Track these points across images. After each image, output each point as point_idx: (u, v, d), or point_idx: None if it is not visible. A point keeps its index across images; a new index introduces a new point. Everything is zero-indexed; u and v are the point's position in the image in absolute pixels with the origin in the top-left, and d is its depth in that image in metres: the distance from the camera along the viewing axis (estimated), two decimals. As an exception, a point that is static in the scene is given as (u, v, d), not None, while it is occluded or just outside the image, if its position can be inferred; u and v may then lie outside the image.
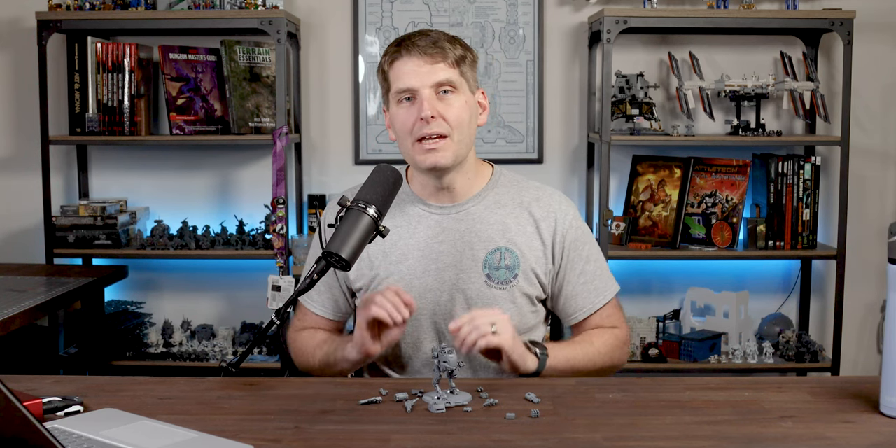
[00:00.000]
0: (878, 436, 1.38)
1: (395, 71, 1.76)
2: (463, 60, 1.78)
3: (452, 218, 1.82)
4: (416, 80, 1.74)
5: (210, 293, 3.53)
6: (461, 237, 1.81)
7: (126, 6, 3.22)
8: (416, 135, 1.74)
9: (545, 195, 1.87)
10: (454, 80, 1.76)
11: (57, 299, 2.63)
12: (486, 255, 1.80)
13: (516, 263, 1.80)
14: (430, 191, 1.83)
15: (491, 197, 1.85)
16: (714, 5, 3.23)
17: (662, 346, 3.30)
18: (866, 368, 3.54)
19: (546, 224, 1.83)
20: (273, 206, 3.12)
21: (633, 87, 3.27)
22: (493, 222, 1.82)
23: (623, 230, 3.32)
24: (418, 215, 1.83)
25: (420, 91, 1.74)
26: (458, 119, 1.75)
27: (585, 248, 1.87)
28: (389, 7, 3.42)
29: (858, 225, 3.44)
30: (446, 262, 1.80)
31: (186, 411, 1.49)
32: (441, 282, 1.80)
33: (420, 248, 1.81)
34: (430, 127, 1.73)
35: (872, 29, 3.40)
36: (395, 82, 1.76)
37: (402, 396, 1.54)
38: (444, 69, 1.75)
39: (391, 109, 1.79)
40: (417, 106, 1.74)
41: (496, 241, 1.81)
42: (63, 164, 3.48)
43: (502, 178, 1.88)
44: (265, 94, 3.35)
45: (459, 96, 1.77)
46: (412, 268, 1.80)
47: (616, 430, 1.40)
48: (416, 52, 1.74)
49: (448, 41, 1.78)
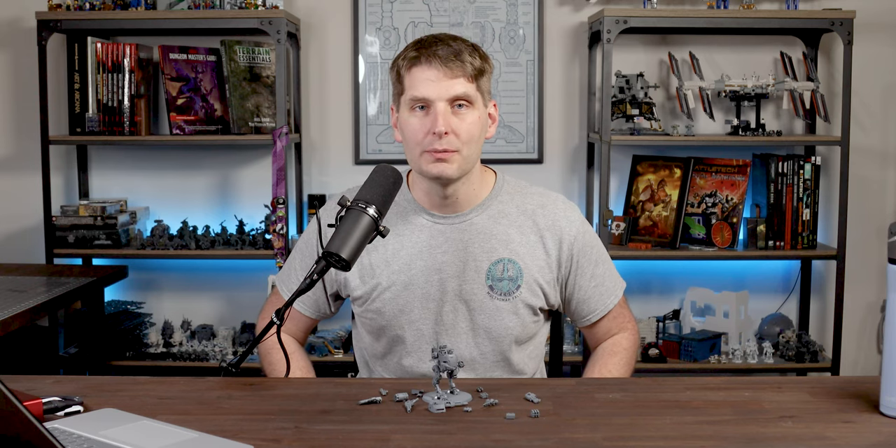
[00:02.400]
0: (878, 436, 1.38)
1: (413, 77, 1.74)
2: (481, 74, 1.76)
3: (455, 228, 1.81)
4: (433, 92, 1.72)
5: (210, 293, 3.54)
6: (464, 248, 1.80)
7: (126, 6, 3.22)
8: (426, 147, 1.73)
9: (549, 202, 1.86)
10: (471, 94, 1.74)
11: (57, 299, 2.63)
12: (489, 267, 1.79)
13: (519, 274, 1.80)
14: (433, 200, 1.82)
15: (494, 206, 1.83)
16: (714, 5, 3.23)
17: (662, 346, 3.30)
18: (866, 368, 3.54)
19: (551, 233, 1.83)
20: (273, 206, 3.12)
21: (633, 87, 3.27)
22: (496, 233, 1.81)
23: (623, 230, 3.32)
24: (421, 225, 1.82)
25: (436, 103, 1.72)
26: (470, 135, 1.74)
27: (594, 252, 1.87)
28: (389, 7, 3.42)
29: (858, 225, 3.44)
30: (449, 272, 1.79)
31: (186, 411, 1.49)
32: (443, 292, 1.79)
33: (423, 257, 1.80)
34: (441, 142, 1.71)
35: (872, 29, 3.40)
36: (410, 89, 1.74)
37: (402, 396, 1.54)
38: (462, 83, 1.73)
39: (402, 114, 1.77)
40: (431, 118, 1.72)
41: (499, 252, 1.80)
42: (63, 164, 3.48)
43: (506, 186, 1.87)
44: (265, 94, 3.35)
45: (473, 111, 1.75)
46: (415, 277, 1.79)
47: (616, 430, 1.40)
48: (436, 63, 1.72)
49: (469, 53, 1.74)
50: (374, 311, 1.82)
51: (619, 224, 3.33)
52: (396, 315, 1.80)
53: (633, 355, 1.89)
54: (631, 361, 1.88)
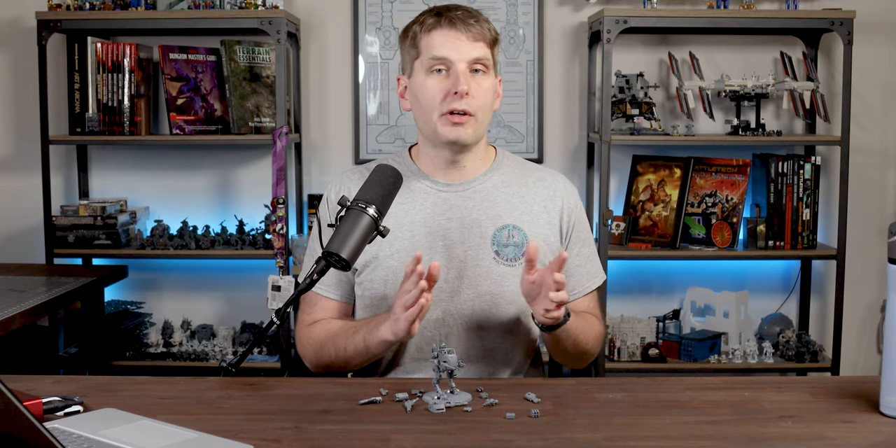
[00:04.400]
0: (878, 436, 1.38)
1: (432, 39, 1.74)
2: (496, 43, 1.80)
3: (460, 195, 1.82)
4: (455, 53, 1.73)
5: (210, 293, 3.54)
6: (469, 214, 1.80)
7: (126, 6, 3.22)
8: (446, 108, 1.73)
9: (549, 176, 1.90)
10: (488, 59, 1.77)
11: (57, 299, 2.63)
12: (494, 233, 1.79)
13: (524, 241, 1.80)
14: (439, 167, 1.83)
15: (497, 176, 1.85)
16: (714, 5, 3.23)
17: (662, 346, 3.30)
18: (866, 368, 3.54)
19: (553, 204, 1.85)
20: (273, 206, 3.12)
21: (633, 87, 3.27)
22: (500, 201, 1.82)
23: (623, 230, 3.32)
24: (424, 192, 1.82)
25: (456, 64, 1.73)
26: (485, 100, 1.76)
27: (584, 232, 1.89)
28: (389, 7, 3.42)
29: (858, 225, 3.44)
30: (453, 238, 1.79)
31: (186, 411, 1.49)
32: (449, 258, 1.78)
33: (426, 224, 1.80)
34: (462, 102, 1.73)
35: (872, 29, 3.40)
36: (429, 50, 1.74)
37: (402, 396, 1.54)
38: (482, 47, 1.76)
39: (417, 77, 1.77)
40: (452, 79, 1.73)
41: (504, 219, 1.81)
42: (63, 164, 3.48)
43: (506, 160, 1.90)
44: (265, 94, 3.35)
45: (488, 77, 1.77)
46: (418, 244, 1.78)
47: (616, 430, 1.40)
48: (460, 25, 1.74)
49: (485, 20, 1.79)
50: (376, 280, 1.79)
51: (619, 224, 3.33)
52: (400, 281, 1.76)
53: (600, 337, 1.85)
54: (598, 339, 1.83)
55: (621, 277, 3.46)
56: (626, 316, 3.41)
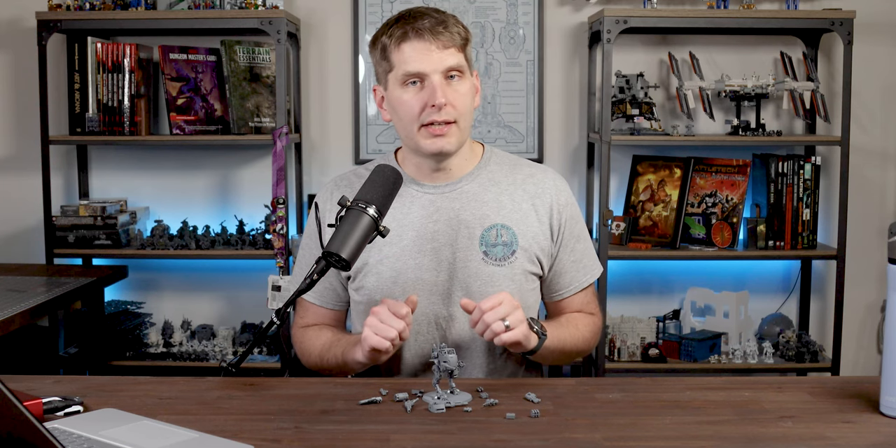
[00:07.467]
0: (878, 436, 1.38)
1: (403, 53, 1.72)
2: (467, 43, 1.77)
3: (446, 197, 1.81)
4: (427, 65, 1.71)
5: (210, 293, 3.54)
6: (456, 215, 1.79)
7: (126, 6, 3.22)
8: (424, 120, 1.72)
9: (539, 172, 1.87)
10: (462, 64, 1.75)
11: (57, 299, 2.63)
12: (482, 233, 1.78)
13: (514, 240, 1.79)
14: (424, 172, 1.82)
15: (484, 175, 1.84)
16: (714, 5, 3.23)
17: (662, 346, 3.30)
18: (866, 368, 3.54)
19: (542, 201, 1.83)
20: (273, 206, 3.12)
21: (633, 87, 3.27)
22: (487, 200, 1.81)
23: (623, 230, 3.32)
24: (411, 196, 1.81)
25: (431, 76, 1.72)
26: (465, 105, 1.75)
27: (577, 226, 1.87)
28: (389, 7, 3.42)
29: (858, 225, 3.44)
30: (442, 241, 1.78)
31: (186, 411, 1.49)
32: (438, 261, 1.77)
33: (415, 227, 1.79)
34: (441, 114, 1.71)
35: (872, 29, 3.40)
36: (401, 65, 1.73)
37: (402, 396, 1.54)
38: (454, 54, 1.73)
39: (393, 91, 1.76)
40: (428, 92, 1.71)
41: (492, 218, 1.79)
42: (63, 164, 3.48)
43: (494, 157, 1.88)
44: (265, 94, 3.35)
45: (465, 81, 1.76)
46: (407, 248, 1.78)
47: (616, 430, 1.40)
48: (427, 36, 1.71)
49: (453, 23, 1.75)
50: (368, 286, 1.80)
51: (619, 224, 3.33)
52: (390, 287, 1.77)
53: (595, 332, 1.86)
54: (593, 336, 1.84)
55: (621, 277, 3.47)
56: (626, 316, 3.41)
